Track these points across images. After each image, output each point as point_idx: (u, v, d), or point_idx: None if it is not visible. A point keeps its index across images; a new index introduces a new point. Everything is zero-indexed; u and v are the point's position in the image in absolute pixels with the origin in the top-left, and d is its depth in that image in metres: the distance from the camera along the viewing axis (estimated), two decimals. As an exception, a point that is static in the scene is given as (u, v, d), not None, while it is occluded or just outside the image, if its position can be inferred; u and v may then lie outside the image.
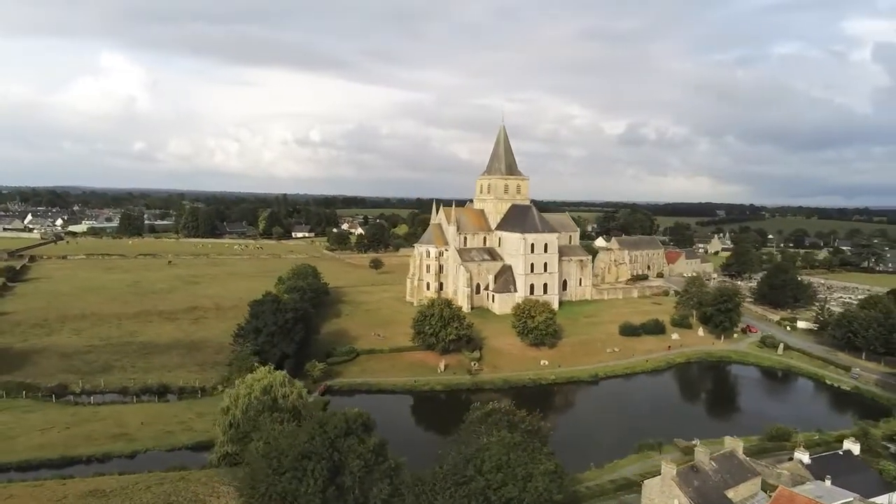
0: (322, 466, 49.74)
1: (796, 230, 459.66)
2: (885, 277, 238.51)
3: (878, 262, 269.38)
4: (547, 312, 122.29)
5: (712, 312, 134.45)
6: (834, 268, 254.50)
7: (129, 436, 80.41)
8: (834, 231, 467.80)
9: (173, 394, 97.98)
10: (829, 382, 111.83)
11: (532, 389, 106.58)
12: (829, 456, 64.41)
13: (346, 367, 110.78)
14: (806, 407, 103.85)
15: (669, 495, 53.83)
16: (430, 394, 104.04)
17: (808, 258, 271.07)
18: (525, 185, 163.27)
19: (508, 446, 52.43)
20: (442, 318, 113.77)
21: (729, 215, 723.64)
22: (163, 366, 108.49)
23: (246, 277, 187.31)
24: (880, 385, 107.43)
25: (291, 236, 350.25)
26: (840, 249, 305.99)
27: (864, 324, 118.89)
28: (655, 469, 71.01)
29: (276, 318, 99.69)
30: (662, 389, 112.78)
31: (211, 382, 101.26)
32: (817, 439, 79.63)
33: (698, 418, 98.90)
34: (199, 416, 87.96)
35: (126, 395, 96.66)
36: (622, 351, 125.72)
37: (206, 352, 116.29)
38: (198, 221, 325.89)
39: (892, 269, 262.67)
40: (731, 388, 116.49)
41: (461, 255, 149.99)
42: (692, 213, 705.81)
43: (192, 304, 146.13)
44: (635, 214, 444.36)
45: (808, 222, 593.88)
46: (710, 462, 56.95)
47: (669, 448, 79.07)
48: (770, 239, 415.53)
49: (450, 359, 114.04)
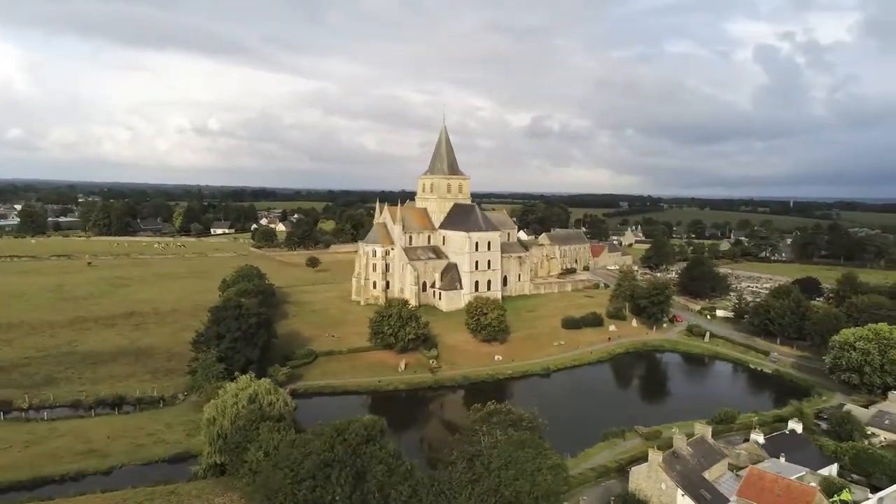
0: (346, 473, 51.49)
1: (694, 221, 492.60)
2: (781, 266, 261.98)
3: (774, 252, 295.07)
4: (498, 309, 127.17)
5: (646, 304, 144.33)
6: (737, 258, 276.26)
7: (98, 452, 77.86)
8: (728, 222, 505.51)
9: (130, 405, 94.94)
10: (752, 367, 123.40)
11: (491, 384, 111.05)
12: (778, 435, 72.69)
13: (306, 370, 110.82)
14: (737, 390, 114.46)
15: (657, 480, 59.49)
16: (395, 393, 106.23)
17: (714, 249, 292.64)
18: (466, 184, 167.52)
19: (516, 444, 56.05)
20: (400, 317, 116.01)
21: (632, 207, 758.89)
22: (112, 376, 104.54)
23: (177, 279, 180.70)
24: (796, 367, 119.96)
25: (210, 233, 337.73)
26: (740, 241, 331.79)
27: (779, 312, 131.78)
28: (624, 456, 77.70)
29: (239, 324, 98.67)
30: (610, 379, 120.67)
31: (169, 391, 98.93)
32: (756, 420, 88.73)
33: (648, 405, 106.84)
34: (167, 428, 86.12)
35: (79, 408, 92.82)
36: (567, 344, 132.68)
37: (156, 359, 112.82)
38: (110, 219, 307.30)
39: (785, 259, 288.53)
40: (671, 375, 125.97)
41: (407, 253, 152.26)
42: (597, 204, 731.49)
43: (129, 310, 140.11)
44: (552, 208, 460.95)
45: (702, 213, 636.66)
46: (686, 448, 63.19)
47: (631, 435, 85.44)
48: (675, 230, 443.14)
49: (408, 358, 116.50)
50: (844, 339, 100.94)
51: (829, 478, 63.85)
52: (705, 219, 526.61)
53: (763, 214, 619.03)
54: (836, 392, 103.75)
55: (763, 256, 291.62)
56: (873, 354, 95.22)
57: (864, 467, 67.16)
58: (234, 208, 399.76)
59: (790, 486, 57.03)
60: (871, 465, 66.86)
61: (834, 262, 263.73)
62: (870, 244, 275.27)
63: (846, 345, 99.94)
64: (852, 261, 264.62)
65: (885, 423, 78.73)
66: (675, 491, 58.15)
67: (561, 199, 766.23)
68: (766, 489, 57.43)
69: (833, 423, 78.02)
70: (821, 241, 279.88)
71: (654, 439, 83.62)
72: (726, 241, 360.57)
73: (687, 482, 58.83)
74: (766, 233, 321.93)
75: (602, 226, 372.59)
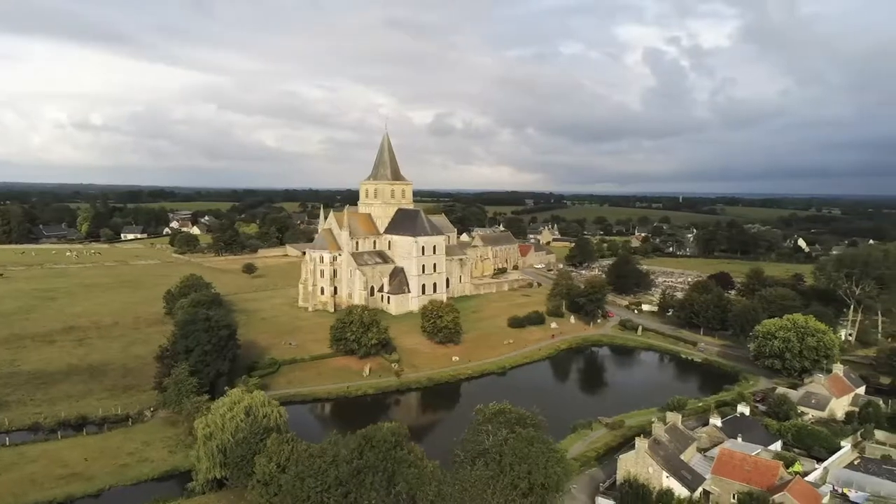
0: (380, 478, 54.76)
1: (599, 217, 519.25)
2: (688, 261, 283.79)
3: (680, 247, 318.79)
4: (453, 312, 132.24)
5: (584, 302, 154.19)
6: (649, 254, 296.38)
7: (81, 475, 76.00)
8: (630, 218, 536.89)
9: (95, 425, 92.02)
10: (684, 357, 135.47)
11: (454, 385, 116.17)
12: (732, 418, 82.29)
13: (271, 380, 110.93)
14: (676, 378, 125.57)
15: (644, 465, 66.58)
16: (364, 398, 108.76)
17: (627, 247, 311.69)
18: (409, 189, 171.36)
19: (526, 440, 61.22)
20: (363, 323, 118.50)
21: (537, 204, 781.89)
22: (67, 396, 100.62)
23: (107, 290, 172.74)
24: (721, 356, 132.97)
25: (120, 238, 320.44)
26: (648, 237, 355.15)
27: (703, 306, 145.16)
28: (597, 445, 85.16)
29: (209, 337, 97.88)
30: (562, 374, 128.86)
31: (134, 408, 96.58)
32: (701, 405, 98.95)
33: (602, 397, 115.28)
34: (146, 446, 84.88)
35: (39, 431, 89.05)
36: (516, 342, 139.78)
37: (111, 376, 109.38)
38: (10, 225, 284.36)
39: (689, 254, 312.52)
40: (615, 367, 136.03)
41: (355, 259, 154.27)
42: (504, 202, 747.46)
43: (67, 324, 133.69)
44: (469, 207, 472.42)
45: (603, 210, 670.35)
46: (664, 434, 70.85)
47: (597, 426, 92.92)
48: (585, 228, 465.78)
49: (371, 362, 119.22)
50: (767, 329, 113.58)
51: (781, 452, 73.67)
52: (607, 215, 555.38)
53: (658, 210, 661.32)
54: (759, 376, 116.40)
55: (670, 252, 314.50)
56: (793, 342, 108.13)
57: (805, 442, 77.64)
58: (144, 211, 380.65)
59: (757, 462, 65.84)
60: (810, 440, 77.41)
61: (732, 256, 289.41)
62: (762, 239, 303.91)
63: (769, 335, 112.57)
64: (748, 254, 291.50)
65: (812, 403, 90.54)
66: (660, 473, 65.45)
67: (468, 196, 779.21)
68: (736, 466, 65.95)
69: (772, 404, 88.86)
70: (721, 237, 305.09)
71: (618, 428, 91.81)
72: (633, 237, 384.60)
73: (670, 465, 66.37)
74: (672, 230, 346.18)
75: (520, 224, 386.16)
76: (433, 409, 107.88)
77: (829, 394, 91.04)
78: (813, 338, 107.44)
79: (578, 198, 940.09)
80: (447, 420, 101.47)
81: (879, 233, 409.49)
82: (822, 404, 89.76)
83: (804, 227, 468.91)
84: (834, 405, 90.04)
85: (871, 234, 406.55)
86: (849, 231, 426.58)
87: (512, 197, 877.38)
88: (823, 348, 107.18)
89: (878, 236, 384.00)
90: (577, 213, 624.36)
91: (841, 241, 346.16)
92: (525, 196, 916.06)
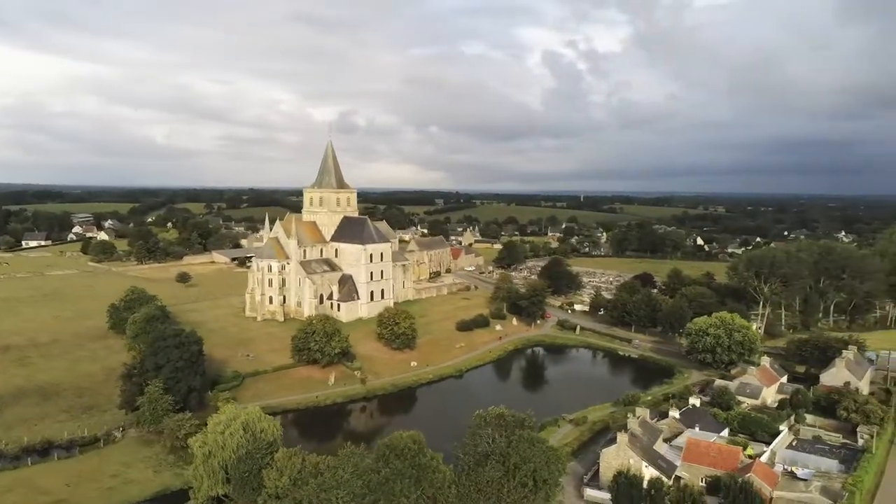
0: (407, 483, 58.64)
1: (509, 217, 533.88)
2: (603, 260, 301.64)
3: (594, 248, 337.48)
4: (409, 318, 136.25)
5: (526, 304, 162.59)
6: (568, 254, 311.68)
7: (67, 501, 74.65)
8: (540, 218, 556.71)
9: (63, 448, 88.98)
10: (621, 353, 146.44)
11: (417, 389, 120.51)
12: (687, 410, 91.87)
13: (237, 393, 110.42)
14: (617, 374, 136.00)
15: (625, 457, 74.07)
16: (333, 406, 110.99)
17: (547, 248, 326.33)
18: (353, 196, 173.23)
19: (528, 442, 66.96)
20: (325, 333, 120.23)
21: (447, 204, 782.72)
22: (22, 420, 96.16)
23: (31, 304, 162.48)
24: (655, 351, 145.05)
25: (22, 246, 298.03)
26: (564, 238, 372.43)
27: (636, 305, 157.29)
28: (569, 440, 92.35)
29: (181, 353, 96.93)
30: (514, 373, 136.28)
31: (101, 429, 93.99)
32: (650, 399, 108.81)
33: (557, 394, 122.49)
34: (127, 467, 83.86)
35: (1, 458, 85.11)
36: (467, 345, 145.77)
37: (65, 397, 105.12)
38: None
39: (604, 254, 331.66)
40: (561, 365, 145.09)
41: (304, 267, 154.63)
42: (413, 201, 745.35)
43: (2, 343, 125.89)
44: (390, 210, 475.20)
45: (511, 209, 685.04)
46: (638, 428, 78.84)
47: (562, 422, 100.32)
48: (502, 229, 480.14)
49: (334, 371, 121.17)
50: (699, 326, 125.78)
51: (732, 438, 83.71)
52: (516, 214, 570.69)
53: (564, 210, 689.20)
54: (692, 370, 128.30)
55: (586, 252, 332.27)
56: (723, 338, 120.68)
57: (750, 428, 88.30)
58: (43, 215, 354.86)
59: (721, 448, 75.10)
60: (754, 426, 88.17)
61: (643, 256, 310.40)
62: (668, 239, 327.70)
63: (700, 331, 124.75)
64: (656, 253, 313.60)
65: (747, 392, 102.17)
66: (640, 464, 73.15)
67: (375, 195, 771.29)
68: (703, 453, 74.88)
69: (714, 395, 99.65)
70: (633, 237, 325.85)
71: (582, 424, 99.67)
72: (549, 238, 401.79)
73: (647, 456, 74.30)
74: (586, 230, 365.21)
75: (443, 226, 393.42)
76: (406, 414, 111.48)
77: (761, 383, 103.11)
78: (739, 333, 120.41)
79: (484, 197, 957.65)
80: (428, 423, 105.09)
81: (762, 231, 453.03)
82: (756, 393, 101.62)
83: (696, 226, 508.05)
84: (765, 393, 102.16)
85: (756, 231, 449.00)
86: (737, 229, 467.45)
87: (421, 196, 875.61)
88: (748, 342, 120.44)
89: (762, 234, 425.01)
90: (487, 212, 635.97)
91: (733, 240, 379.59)
92: (433, 195, 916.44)
